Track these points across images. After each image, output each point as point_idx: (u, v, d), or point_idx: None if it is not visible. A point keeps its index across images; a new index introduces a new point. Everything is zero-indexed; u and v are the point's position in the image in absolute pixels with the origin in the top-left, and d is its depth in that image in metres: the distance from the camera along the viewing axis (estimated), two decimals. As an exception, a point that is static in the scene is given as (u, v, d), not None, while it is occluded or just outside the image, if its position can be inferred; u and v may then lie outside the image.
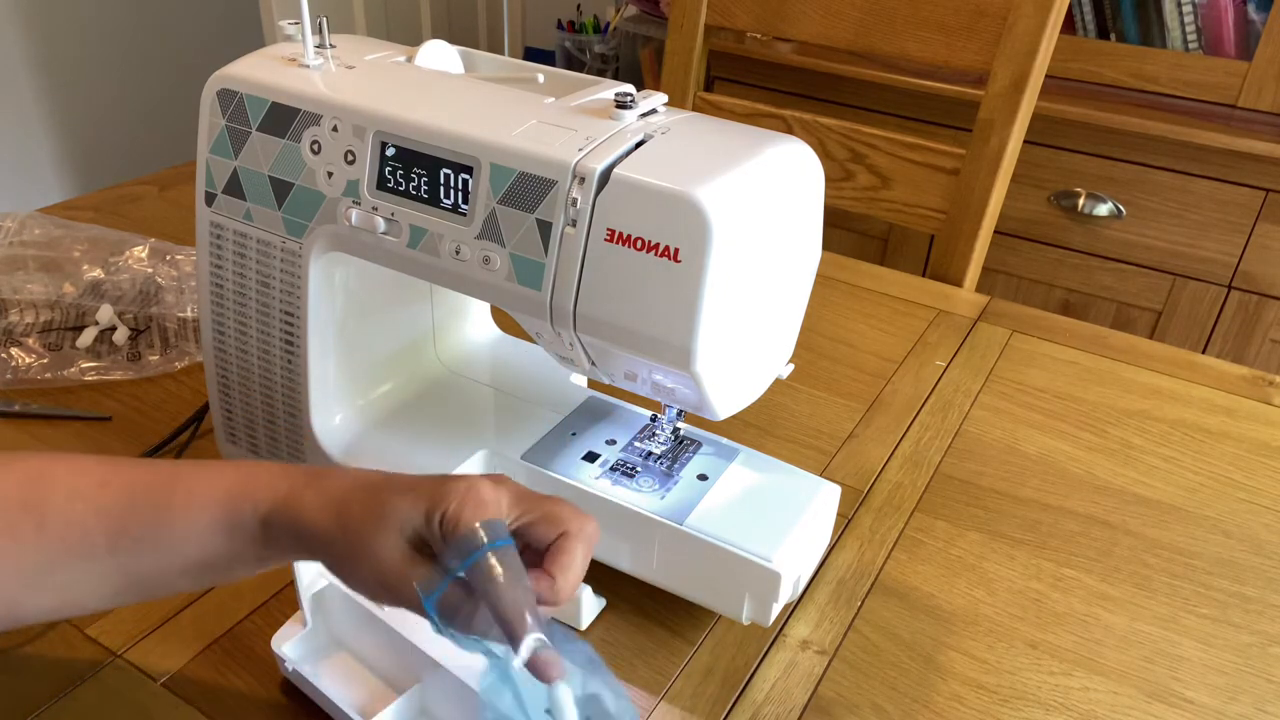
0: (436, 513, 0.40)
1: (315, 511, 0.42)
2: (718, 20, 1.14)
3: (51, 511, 0.42)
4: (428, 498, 0.41)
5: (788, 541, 0.53)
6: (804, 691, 0.54)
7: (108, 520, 0.42)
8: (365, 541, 0.41)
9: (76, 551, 0.42)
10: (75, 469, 0.44)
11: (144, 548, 0.43)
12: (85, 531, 0.42)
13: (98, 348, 0.81)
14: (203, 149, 0.58)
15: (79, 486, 0.43)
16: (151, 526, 0.43)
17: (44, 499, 0.42)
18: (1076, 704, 0.54)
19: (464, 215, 0.50)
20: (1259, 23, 1.43)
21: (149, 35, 2.47)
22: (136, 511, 0.43)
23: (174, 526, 0.43)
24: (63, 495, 0.43)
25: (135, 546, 0.43)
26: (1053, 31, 0.95)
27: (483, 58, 0.60)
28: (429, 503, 0.40)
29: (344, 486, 0.42)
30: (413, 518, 0.40)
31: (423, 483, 0.42)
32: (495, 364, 0.68)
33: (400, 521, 0.40)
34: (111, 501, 0.43)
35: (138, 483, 0.43)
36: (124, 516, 0.43)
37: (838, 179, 1.10)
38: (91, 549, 0.42)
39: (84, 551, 0.42)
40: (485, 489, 0.41)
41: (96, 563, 0.43)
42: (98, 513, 0.42)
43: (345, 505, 0.42)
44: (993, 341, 0.89)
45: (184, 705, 0.52)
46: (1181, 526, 0.68)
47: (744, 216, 0.45)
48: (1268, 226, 1.41)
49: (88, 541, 0.42)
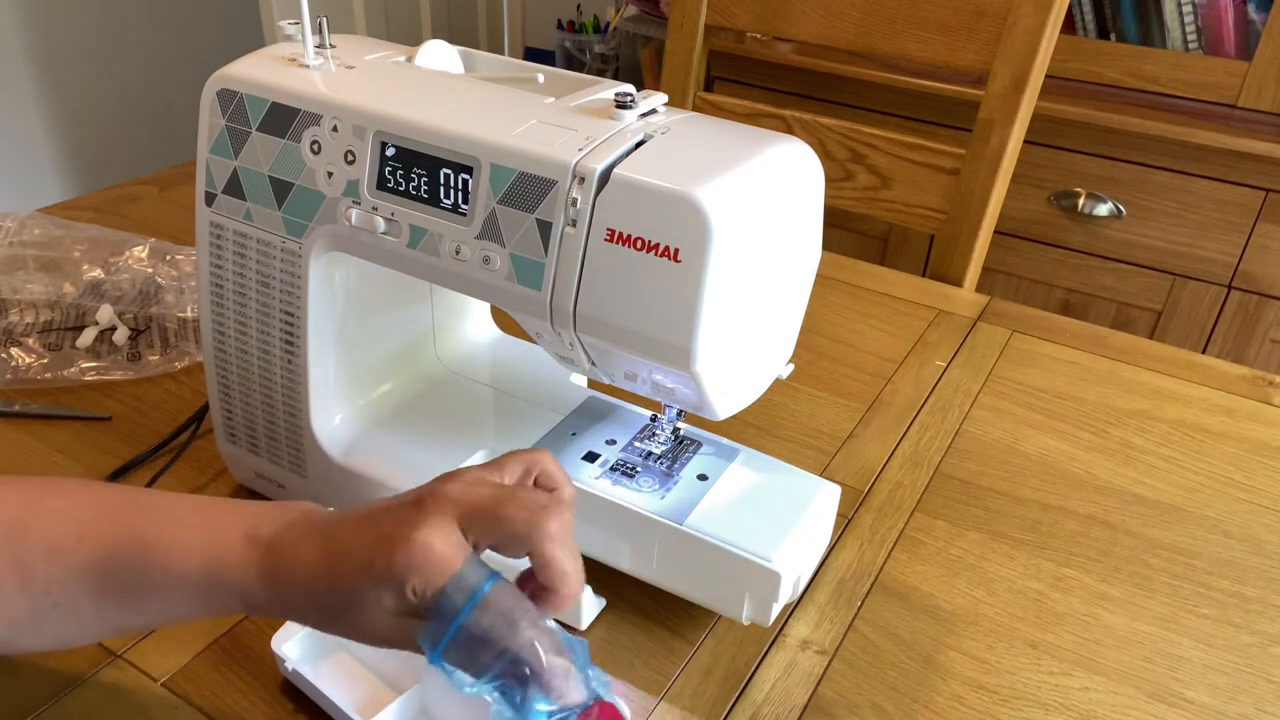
0: (406, 588, 0.39)
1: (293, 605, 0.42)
2: (718, 20, 1.14)
3: (34, 570, 0.42)
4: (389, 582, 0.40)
5: (788, 541, 0.53)
6: (804, 691, 0.54)
7: (89, 581, 0.42)
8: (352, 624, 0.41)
9: (63, 607, 0.42)
10: (52, 517, 0.43)
11: (128, 609, 0.43)
12: (68, 590, 0.42)
13: (98, 348, 0.81)
14: (203, 149, 0.58)
15: (58, 541, 0.42)
16: (133, 594, 0.42)
17: (25, 558, 0.42)
18: (1076, 704, 0.54)
19: (464, 215, 0.50)
20: (1259, 23, 1.43)
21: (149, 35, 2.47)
22: (117, 580, 0.42)
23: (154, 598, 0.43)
24: (43, 553, 0.42)
25: (119, 607, 0.43)
26: (1053, 31, 0.95)
27: (483, 58, 0.60)
28: (394, 582, 0.39)
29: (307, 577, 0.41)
30: (387, 602, 0.40)
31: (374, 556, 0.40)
32: (495, 364, 0.68)
33: (376, 606, 0.40)
34: (87, 563, 0.42)
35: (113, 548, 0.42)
36: (104, 581, 0.42)
37: (838, 179, 1.10)
38: (77, 606, 0.42)
39: (70, 607, 0.42)
40: (436, 542, 0.40)
41: (82, 617, 0.43)
42: (78, 572, 0.42)
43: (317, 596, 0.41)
44: (993, 341, 0.89)
45: (184, 705, 0.52)
46: (1181, 526, 0.68)
47: (744, 216, 0.45)
48: (1268, 226, 1.41)
49: (72, 599, 0.42)
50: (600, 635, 0.57)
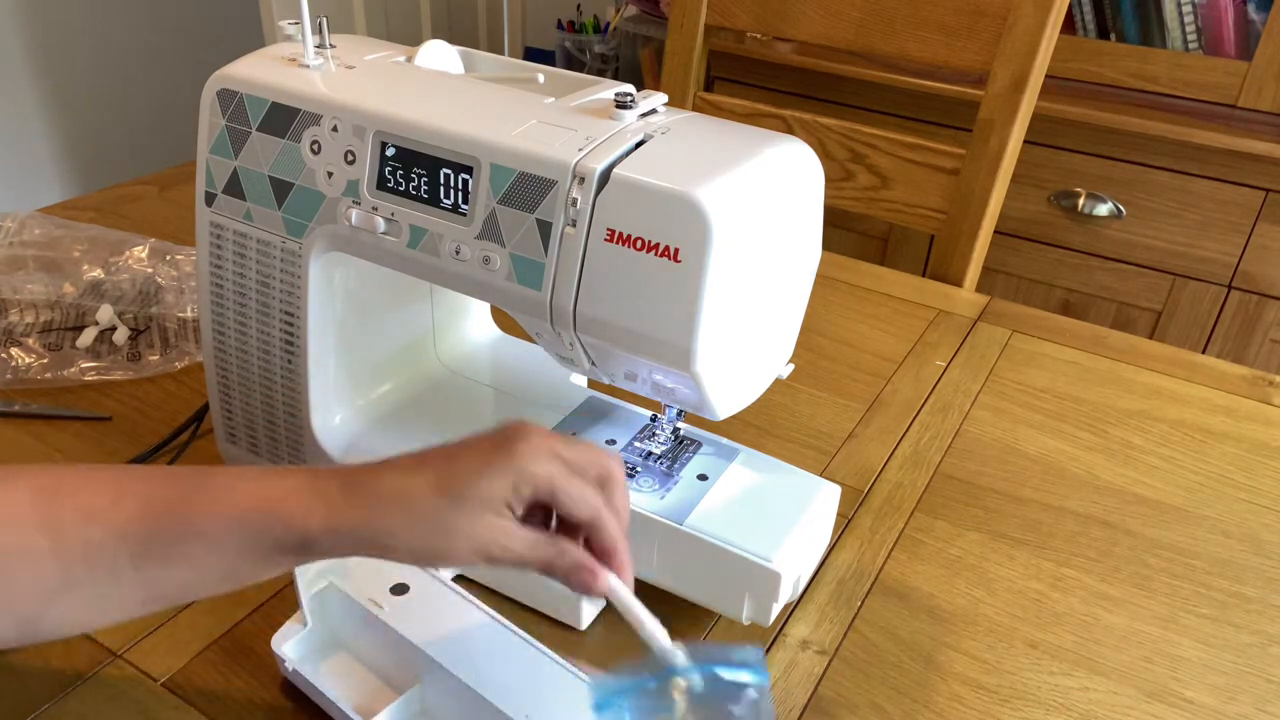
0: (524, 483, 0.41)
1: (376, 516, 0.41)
2: (718, 20, 1.14)
3: (68, 530, 0.41)
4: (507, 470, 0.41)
5: (788, 541, 0.53)
6: (804, 691, 0.54)
7: (128, 539, 0.41)
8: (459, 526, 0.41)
9: (99, 570, 0.41)
10: (86, 484, 0.43)
11: (170, 565, 0.42)
12: (105, 551, 0.41)
13: (98, 348, 0.81)
14: (203, 149, 0.58)
15: (92, 505, 0.42)
16: (176, 545, 0.42)
17: (57, 518, 0.41)
18: (1076, 704, 0.54)
19: (464, 215, 0.50)
20: (1259, 23, 1.43)
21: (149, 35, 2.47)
22: (158, 530, 0.42)
23: (197, 545, 0.42)
24: (76, 515, 0.41)
25: (160, 563, 0.42)
26: (1053, 31, 0.95)
27: (483, 58, 0.60)
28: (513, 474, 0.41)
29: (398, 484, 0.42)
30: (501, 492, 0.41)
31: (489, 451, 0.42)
32: (495, 364, 0.68)
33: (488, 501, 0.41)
34: (127, 520, 0.42)
35: (155, 498, 0.42)
36: (145, 535, 0.41)
37: (838, 179, 1.10)
38: (115, 568, 0.41)
39: (107, 570, 0.41)
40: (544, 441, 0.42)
41: (122, 580, 0.42)
42: (116, 532, 0.41)
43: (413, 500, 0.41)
44: (993, 341, 0.89)
45: (184, 705, 0.52)
46: (1181, 526, 0.68)
47: (744, 216, 0.45)
48: (1268, 226, 1.41)
49: (109, 561, 0.41)
50: (600, 635, 0.57)
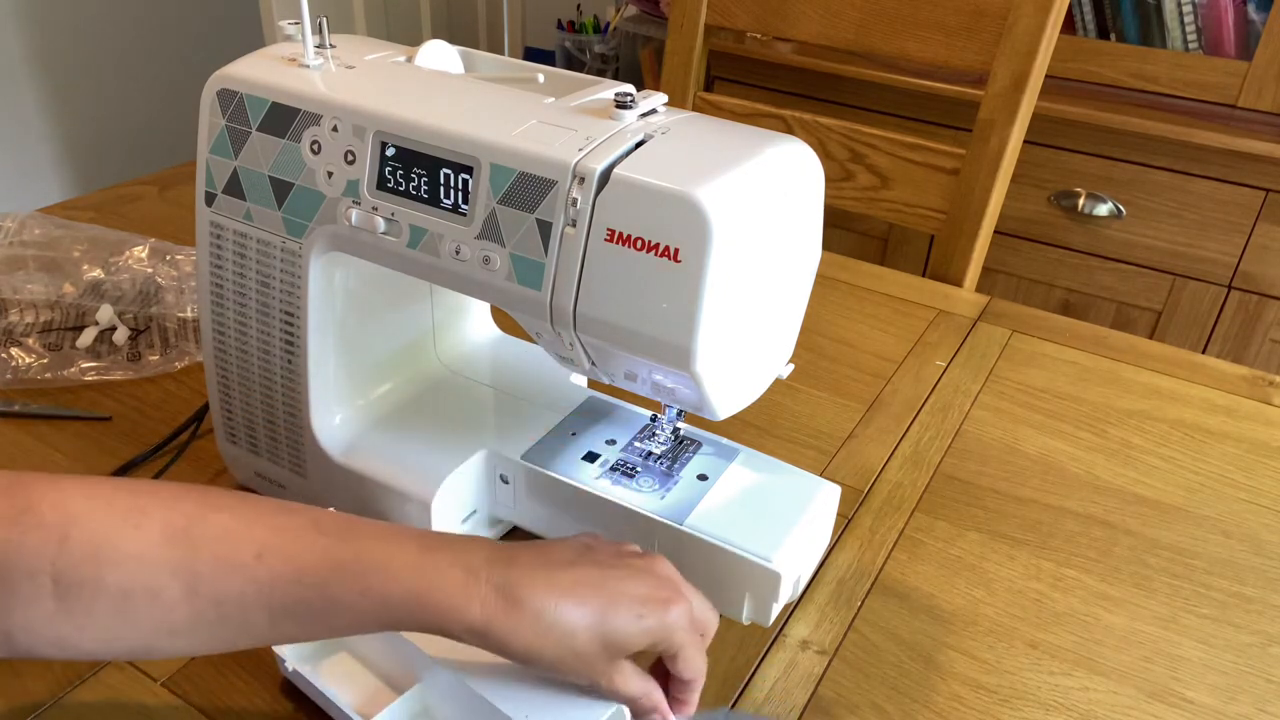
0: (660, 645, 0.45)
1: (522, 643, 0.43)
2: (718, 20, 1.14)
3: (203, 580, 0.40)
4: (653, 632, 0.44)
5: (788, 541, 0.53)
6: (804, 691, 0.54)
7: (270, 599, 0.41)
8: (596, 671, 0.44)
9: (232, 619, 0.41)
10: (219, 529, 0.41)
11: (307, 626, 0.42)
12: (243, 605, 0.41)
13: (98, 348, 0.81)
14: (203, 149, 0.58)
15: (231, 556, 0.41)
16: (321, 613, 0.41)
17: (191, 565, 0.40)
18: (1076, 704, 0.54)
19: (464, 215, 0.50)
20: (1259, 23, 1.43)
21: (149, 35, 2.47)
22: (303, 598, 0.41)
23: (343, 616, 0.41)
24: (212, 563, 0.40)
25: (298, 624, 0.42)
26: (1053, 31, 0.95)
27: (483, 58, 0.60)
28: (656, 637, 0.45)
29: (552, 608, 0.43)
30: (635, 645, 0.44)
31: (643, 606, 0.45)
32: (495, 364, 0.68)
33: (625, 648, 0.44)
34: (272, 580, 0.41)
35: (304, 564, 0.41)
36: (288, 599, 0.41)
37: (838, 179, 1.10)
38: (249, 621, 0.41)
39: (240, 621, 0.41)
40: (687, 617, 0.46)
41: (254, 631, 0.41)
42: (259, 590, 0.41)
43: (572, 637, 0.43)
44: (993, 341, 0.89)
45: (184, 705, 0.52)
46: (1181, 526, 0.68)
47: (744, 216, 0.45)
48: (1268, 226, 1.41)
49: (245, 614, 0.41)
50: (600, 635, 0.57)
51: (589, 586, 0.44)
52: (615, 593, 0.44)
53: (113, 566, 0.39)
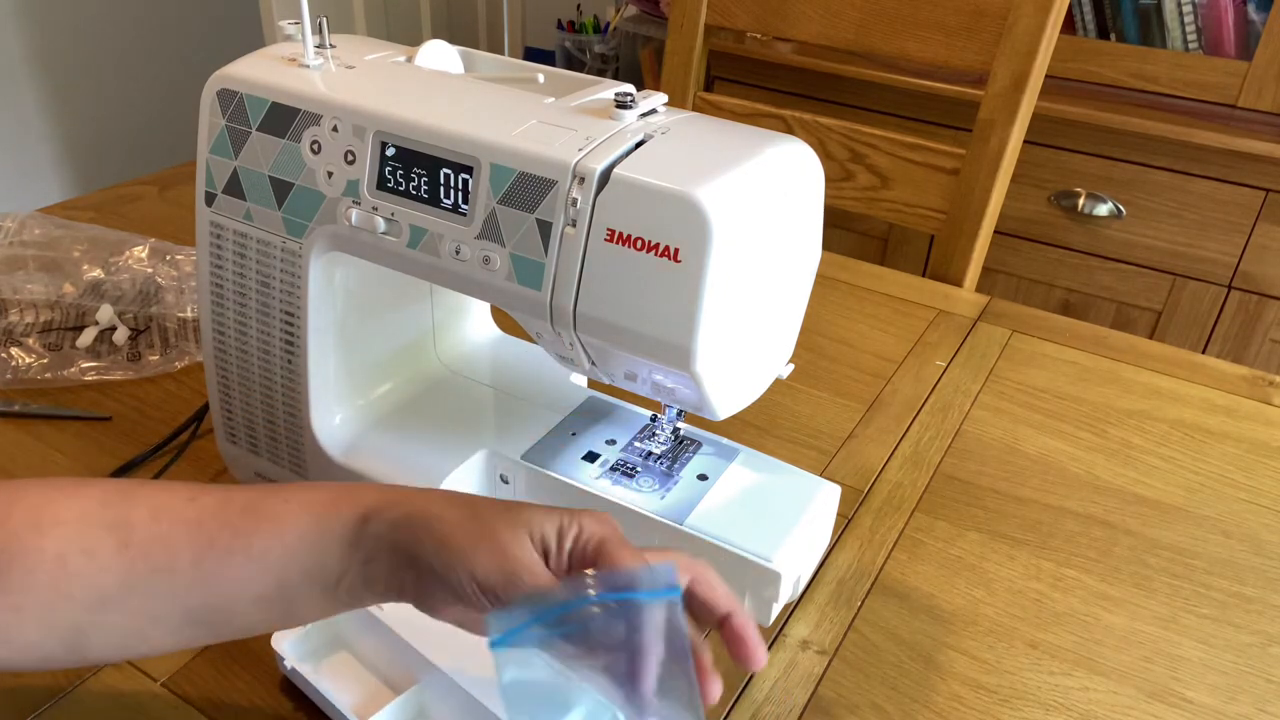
0: (572, 529, 0.40)
1: (438, 500, 0.41)
2: (718, 20, 1.14)
3: (137, 528, 0.41)
4: (564, 515, 0.41)
5: (788, 541, 0.53)
6: (804, 691, 0.54)
7: (197, 533, 0.41)
8: (494, 530, 0.40)
9: (161, 567, 0.41)
10: (160, 488, 0.43)
11: (229, 561, 0.42)
12: (170, 545, 0.41)
13: (98, 348, 0.81)
14: (203, 149, 0.58)
15: (165, 502, 0.42)
16: (242, 536, 0.42)
17: (127, 517, 0.41)
18: (1076, 704, 0.54)
19: (464, 215, 0.50)
20: (1259, 23, 1.43)
21: (149, 35, 2.47)
22: (229, 522, 0.42)
23: (264, 536, 0.42)
24: (148, 512, 0.42)
25: (221, 559, 0.42)
26: (1053, 31, 0.95)
27: (483, 58, 0.60)
28: (564, 518, 0.41)
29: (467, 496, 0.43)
30: (547, 528, 0.40)
31: (554, 507, 0.42)
32: (495, 364, 0.68)
33: (531, 526, 0.40)
34: (201, 514, 0.42)
35: (233, 496, 0.43)
36: (215, 528, 0.42)
37: (838, 179, 1.10)
38: (175, 563, 0.41)
39: (168, 566, 0.41)
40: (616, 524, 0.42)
41: (177, 580, 0.41)
42: (187, 525, 0.42)
43: (474, 501, 0.42)
44: (993, 341, 0.89)
45: (184, 705, 0.52)
46: (1181, 526, 0.68)
47: (744, 216, 0.45)
48: (1268, 226, 1.41)
49: (173, 555, 0.41)
50: (600, 635, 0.57)
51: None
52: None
53: (52, 529, 0.40)
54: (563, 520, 0.41)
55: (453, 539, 0.40)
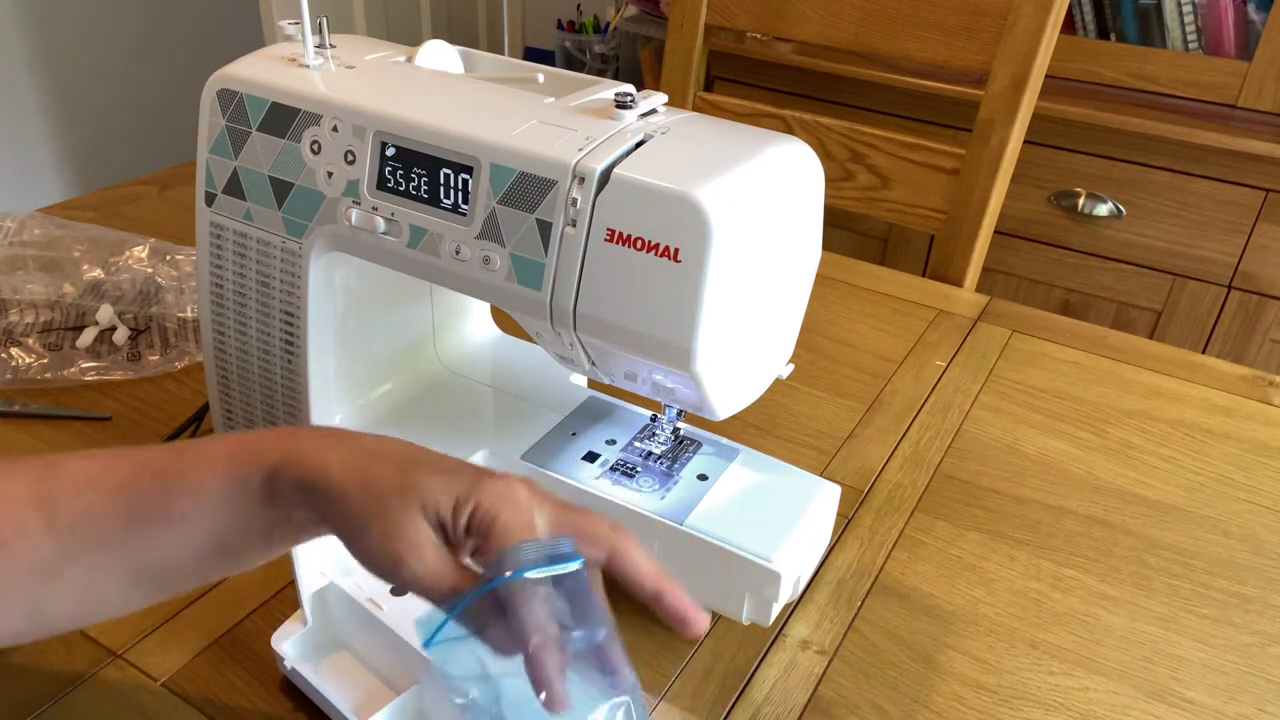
0: (468, 503, 0.38)
1: (334, 464, 0.39)
2: (718, 20, 1.14)
3: (62, 503, 0.41)
4: (461, 485, 0.39)
5: (788, 541, 0.53)
6: (804, 691, 0.54)
7: (117, 503, 0.41)
8: (385, 505, 0.38)
9: (91, 539, 0.41)
10: (83, 458, 0.43)
11: (154, 527, 0.41)
12: (95, 518, 0.41)
13: (98, 348, 0.81)
14: (203, 149, 0.58)
15: (87, 473, 0.42)
16: (160, 502, 0.41)
17: (53, 492, 0.42)
18: (1076, 704, 0.54)
19: (464, 215, 0.50)
20: (1259, 23, 1.43)
21: (149, 35, 2.47)
22: (143, 490, 0.41)
23: (181, 499, 0.41)
24: (71, 486, 0.42)
25: (146, 527, 0.41)
26: (1053, 31, 0.95)
27: (483, 58, 0.60)
28: (462, 489, 0.38)
29: (373, 446, 0.41)
30: (441, 500, 0.38)
31: (459, 468, 0.40)
32: (495, 364, 0.68)
33: (425, 497, 0.38)
34: (118, 484, 0.42)
35: (145, 462, 0.42)
36: (132, 497, 0.41)
37: (838, 179, 1.10)
38: (104, 535, 0.41)
39: (98, 539, 0.41)
40: (521, 492, 0.39)
41: (111, 550, 0.41)
42: (107, 497, 0.41)
43: (371, 464, 0.39)
44: (993, 341, 0.89)
45: (184, 705, 0.52)
46: (1181, 526, 0.68)
47: (744, 216, 0.45)
48: (1268, 226, 1.41)
49: (100, 528, 0.41)
50: (600, 635, 0.57)
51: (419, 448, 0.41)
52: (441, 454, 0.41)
53: None
54: (458, 494, 0.38)
55: (346, 513, 0.39)
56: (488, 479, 0.39)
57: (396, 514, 0.38)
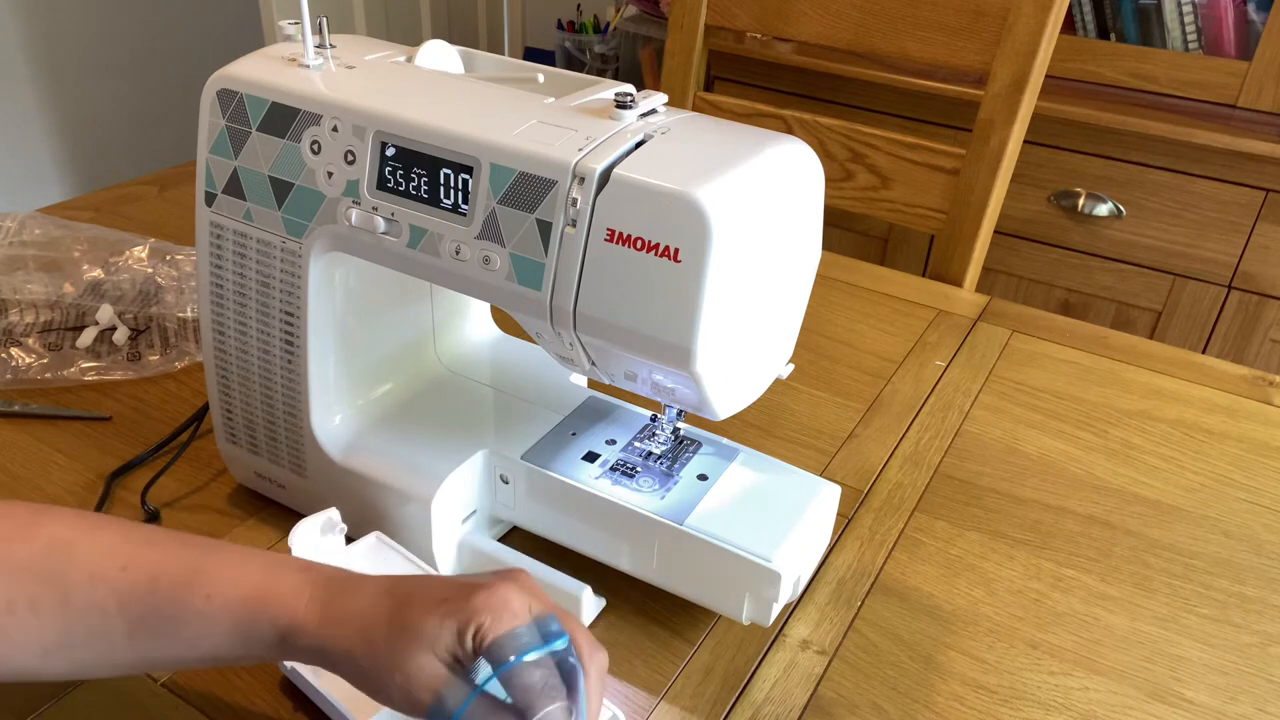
0: (469, 631, 0.40)
1: (339, 637, 0.42)
2: (718, 20, 1.14)
3: (74, 591, 0.42)
4: (457, 615, 0.41)
5: (788, 541, 0.53)
6: (804, 691, 0.54)
7: (127, 608, 0.42)
8: (395, 662, 0.41)
9: (96, 633, 0.42)
10: (98, 545, 0.43)
11: (161, 640, 0.43)
12: (105, 616, 0.42)
13: (98, 348, 0.81)
14: (203, 149, 0.58)
15: (101, 568, 0.42)
16: (170, 622, 0.42)
17: (66, 576, 0.42)
18: (1076, 704, 0.54)
19: (464, 215, 0.50)
20: (1259, 23, 1.43)
21: (149, 35, 2.47)
22: (156, 605, 0.42)
23: (190, 626, 0.42)
24: (84, 575, 0.42)
25: (152, 637, 0.42)
26: (1053, 31, 0.95)
27: (483, 58, 0.60)
28: (459, 621, 0.41)
29: (367, 607, 0.42)
30: (444, 638, 0.41)
31: (450, 595, 0.42)
32: (495, 364, 0.68)
33: (431, 641, 0.41)
34: (131, 589, 0.42)
35: (160, 573, 0.43)
36: (143, 608, 0.42)
37: (838, 179, 1.10)
38: (110, 634, 0.42)
39: (103, 634, 0.42)
40: (514, 599, 0.42)
41: (114, 646, 0.42)
42: (118, 599, 0.42)
43: (370, 627, 0.42)
44: (993, 341, 0.89)
45: (184, 705, 0.52)
46: (1181, 526, 0.68)
47: (744, 216, 0.45)
48: (1268, 226, 1.41)
49: (107, 626, 0.42)
50: (600, 635, 0.57)
51: (407, 582, 0.44)
52: (426, 580, 0.44)
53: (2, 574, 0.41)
54: (458, 626, 0.41)
55: (365, 675, 0.42)
56: (480, 596, 0.41)
57: (411, 668, 0.41)
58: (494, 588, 0.42)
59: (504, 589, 0.42)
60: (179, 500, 0.66)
